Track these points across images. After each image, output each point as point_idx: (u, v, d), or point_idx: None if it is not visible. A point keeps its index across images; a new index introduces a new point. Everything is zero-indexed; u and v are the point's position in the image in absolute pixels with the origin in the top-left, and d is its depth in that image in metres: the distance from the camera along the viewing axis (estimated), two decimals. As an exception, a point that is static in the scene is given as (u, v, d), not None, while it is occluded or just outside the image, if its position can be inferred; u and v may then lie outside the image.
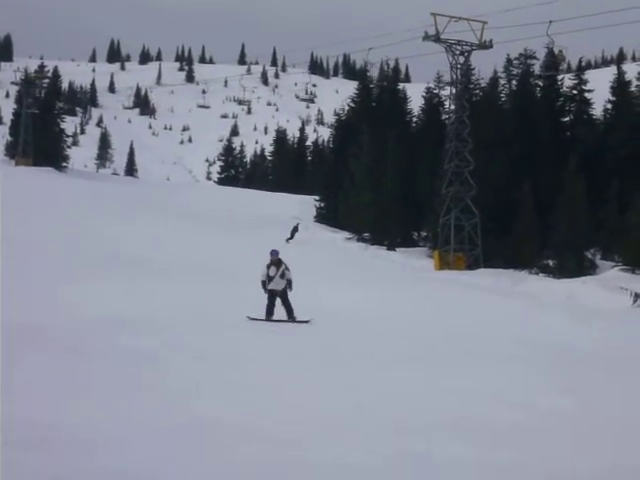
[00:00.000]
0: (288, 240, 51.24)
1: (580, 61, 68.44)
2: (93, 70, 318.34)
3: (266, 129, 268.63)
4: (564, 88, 61.87)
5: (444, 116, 67.02)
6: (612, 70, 66.61)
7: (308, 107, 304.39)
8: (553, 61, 60.67)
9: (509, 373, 17.01)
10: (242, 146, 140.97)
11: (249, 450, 9.86)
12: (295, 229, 54.21)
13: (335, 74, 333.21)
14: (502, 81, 66.26)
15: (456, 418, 12.57)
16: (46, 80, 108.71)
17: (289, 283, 22.69)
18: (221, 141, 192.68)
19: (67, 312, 20.28)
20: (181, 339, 17.90)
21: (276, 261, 22.78)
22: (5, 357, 13.16)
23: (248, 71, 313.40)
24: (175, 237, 44.28)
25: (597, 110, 61.40)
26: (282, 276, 22.57)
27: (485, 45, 56.44)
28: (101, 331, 17.85)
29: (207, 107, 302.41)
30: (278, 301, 22.72)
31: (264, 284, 22.69)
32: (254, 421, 11.34)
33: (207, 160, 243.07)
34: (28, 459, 8.55)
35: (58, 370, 13.62)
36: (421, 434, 11.40)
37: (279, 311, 22.70)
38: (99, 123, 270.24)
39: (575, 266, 48.00)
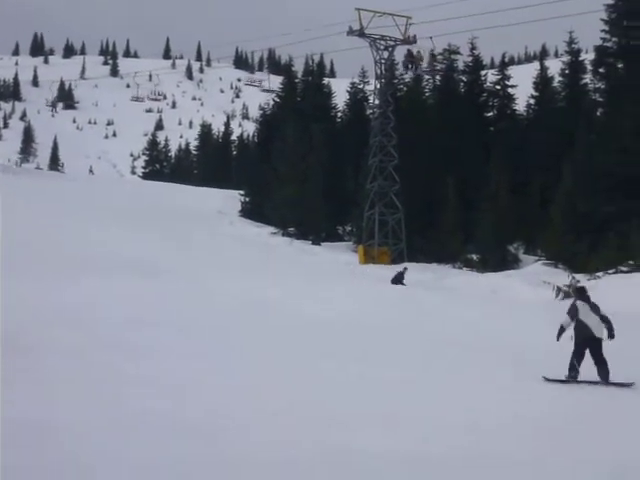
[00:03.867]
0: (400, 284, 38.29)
1: (503, 57, 68.97)
2: (16, 64, 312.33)
3: (191, 123, 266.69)
4: (488, 84, 62.29)
5: (369, 111, 67.08)
6: (535, 66, 67.21)
7: (233, 102, 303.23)
8: (411, 60, 60.77)
9: (433, 370, 16.95)
10: (167, 140, 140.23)
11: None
12: (401, 276, 39.61)
13: (260, 69, 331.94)
14: (426, 76, 66.35)
15: (386, 412, 12.53)
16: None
17: (610, 328, 16.03)
18: (146, 135, 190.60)
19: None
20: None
21: (584, 293, 16.80)
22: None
23: (173, 65, 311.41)
24: (95, 232, 43.30)
25: (520, 105, 61.93)
26: (600, 317, 16.11)
27: (409, 40, 56.80)
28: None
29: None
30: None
31: (562, 329, 16.34)
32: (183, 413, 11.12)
33: (132, 154, 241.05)
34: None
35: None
36: (354, 428, 11.36)
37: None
38: (22, 117, 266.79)
39: (499, 260, 48.38)
